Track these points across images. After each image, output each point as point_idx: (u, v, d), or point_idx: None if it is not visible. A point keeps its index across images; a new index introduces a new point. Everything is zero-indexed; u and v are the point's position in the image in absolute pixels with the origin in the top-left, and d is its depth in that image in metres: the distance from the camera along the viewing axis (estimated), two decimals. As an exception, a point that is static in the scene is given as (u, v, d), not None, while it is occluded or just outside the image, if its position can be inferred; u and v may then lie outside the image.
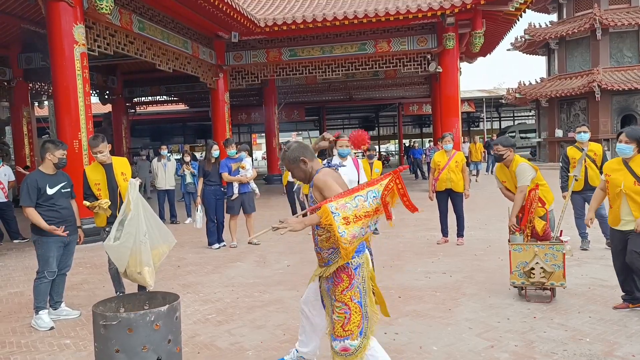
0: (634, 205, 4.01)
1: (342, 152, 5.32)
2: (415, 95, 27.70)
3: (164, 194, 10.60)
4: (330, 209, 2.62)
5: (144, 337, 2.71)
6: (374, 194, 2.68)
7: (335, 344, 2.78)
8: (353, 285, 2.79)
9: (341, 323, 2.77)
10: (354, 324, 2.75)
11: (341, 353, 2.77)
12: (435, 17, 12.61)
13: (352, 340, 2.74)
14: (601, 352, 3.38)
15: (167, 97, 24.12)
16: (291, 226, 2.69)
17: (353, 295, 2.78)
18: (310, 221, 2.74)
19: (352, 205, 2.62)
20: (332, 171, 3.00)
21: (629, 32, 20.85)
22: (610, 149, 20.52)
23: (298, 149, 2.96)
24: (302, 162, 2.93)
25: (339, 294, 2.80)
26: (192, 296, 5.18)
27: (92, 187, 4.65)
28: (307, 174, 2.97)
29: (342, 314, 2.77)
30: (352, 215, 2.61)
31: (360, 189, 2.72)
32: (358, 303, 2.77)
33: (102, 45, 9.43)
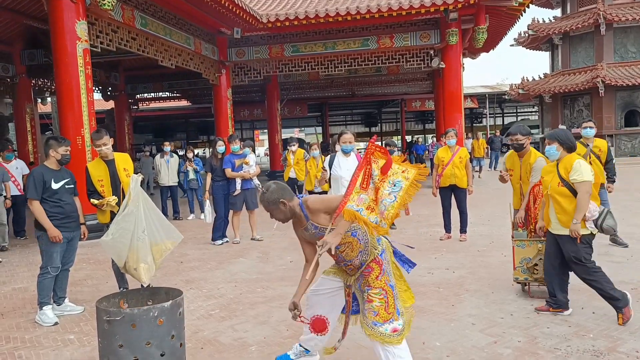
0: (558, 207, 3.98)
1: (345, 148, 5.31)
2: (418, 91, 27.63)
3: (167, 190, 10.62)
4: (353, 209, 2.68)
5: (148, 333, 2.72)
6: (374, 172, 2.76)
7: (385, 328, 2.82)
8: (384, 270, 2.90)
9: (384, 307, 2.84)
10: (392, 305, 2.85)
11: (393, 334, 2.82)
12: (438, 13, 12.55)
13: (396, 320, 2.83)
14: (605, 348, 3.38)
15: (169, 94, 24.11)
16: (331, 243, 2.69)
17: (386, 279, 2.89)
18: (344, 227, 2.75)
19: (366, 195, 2.71)
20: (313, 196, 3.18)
21: (633, 27, 20.71)
22: (615, 145, 20.47)
23: (277, 191, 2.89)
24: (281, 204, 2.88)
25: (374, 280, 2.87)
26: (196, 292, 5.20)
27: (95, 184, 4.66)
28: (286, 215, 2.92)
29: (382, 299, 2.85)
30: (371, 201, 2.70)
31: (357, 177, 2.77)
32: (390, 286, 2.88)
33: (105, 41, 9.42)
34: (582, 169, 3.84)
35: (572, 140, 4.01)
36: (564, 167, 3.93)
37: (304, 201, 2.94)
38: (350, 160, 5.32)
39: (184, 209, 10.86)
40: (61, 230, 4.44)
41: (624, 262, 5.54)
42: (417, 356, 3.40)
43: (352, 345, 3.58)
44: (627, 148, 20.82)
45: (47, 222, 4.34)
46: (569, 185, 3.89)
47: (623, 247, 6.17)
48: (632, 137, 20.80)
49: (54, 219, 4.40)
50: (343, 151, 5.33)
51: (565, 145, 3.96)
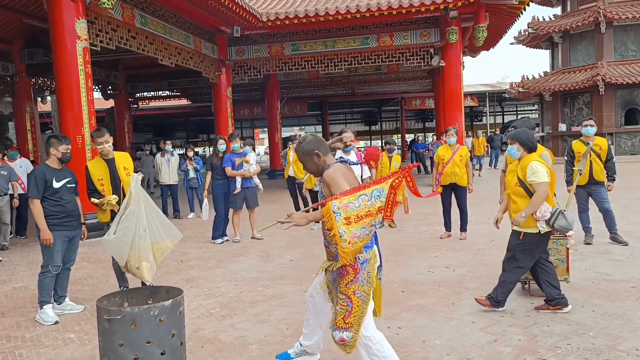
0: (514, 206, 4.09)
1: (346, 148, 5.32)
2: (418, 89, 27.62)
3: (167, 189, 10.62)
4: (332, 208, 2.62)
5: (148, 332, 2.72)
6: (378, 193, 2.66)
7: (335, 334, 2.84)
8: (358, 279, 2.81)
9: (342, 315, 2.81)
10: (355, 316, 2.79)
11: (340, 343, 2.85)
12: (438, 11, 12.55)
13: (350, 332, 2.80)
14: (605, 347, 3.38)
15: (169, 92, 24.10)
16: (295, 221, 2.78)
17: (357, 289, 2.80)
18: (314, 217, 2.80)
19: (354, 205, 2.63)
20: (343, 167, 3.00)
21: (633, 25, 20.69)
22: (615, 143, 20.46)
23: (313, 142, 2.98)
24: (315, 156, 2.96)
25: (344, 286, 2.83)
26: (196, 290, 5.20)
27: (95, 183, 4.66)
28: (319, 167, 3.00)
29: (344, 306, 2.81)
30: (353, 216, 2.62)
31: (366, 186, 2.70)
32: (360, 297, 2.80)
33: (105, 40, 9.42)
34: (539, 171, 3.92)
35: (533, 141, 4.09)
36: (522, 167, 4.03)
37: (333, 165, 2.94)
38: (351, 158, 5.30)
39: (184, 207, 10.86)
40: (62, 229, 4.45)
41: (624, 260, 5.54)
42: (417, 354, 3.41)
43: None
44: (627, 146, 20.81)
45: (42, 223, 4.34)
46: (524, 186, 4.00)
47: (623, 245, 6.17)
48: (632, 135, 20.78)
49: (55, 217, 4.41)
50: (344, 150, 5.33)
51: (526, 147, 4.04)
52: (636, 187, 11.77)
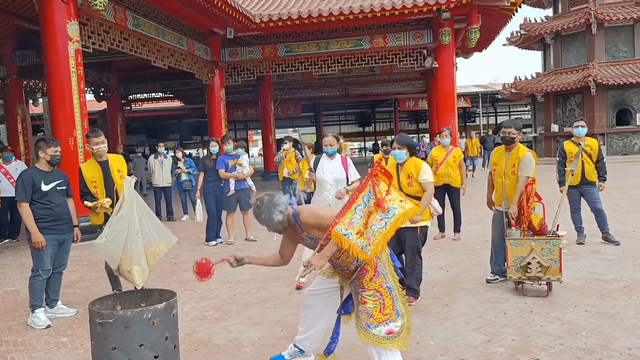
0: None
1: (328, 151, 5.14)
2: (412, 90, 27.70)
3: (161, 191, 10.57)
4: (340, 233, 2.66)
5: (141, 335, 2.70)
6: (367, 196, 2.75)
7: (379, 330, 2.77)
8: (379, 272, 2.85)
9: (379, 309, 2.80)
10: (389, 307, 2.80)
11: (388, 337, 2.77)
12: (431, 13, 12.59)
13: (393, 322, 2.78)
14: (597, 346, 3.40)
15: (162, 94, 24.02)
16: (317, 265, 2.79)
17: (381, 281, 2.84)
18: (330, 250, 2.78)
19: (357, 219, 2.69)
20: (307, 206, 3.13)
21: (624, 26, 20.87)
22: (606, 143, 20.61)
23: (270, 203, 2.93)
24: (280, 214, 2.91)
25: (368, 282, 2.84)
26: (189, 293, 5.18)
27: (88, 185, 4.63)
28: (284, 225, 2.98)
29: (376, 300, 2.81)
30: (362, 226, 2.68)
31: (355, 198, 2.77)
32: (387, 288, 2.84)
33: (97, 42, 9.37)
34: (429, 172, 4.49)
35: (415, 146, 4.69)
36: (413, 169, 4.43)
37: (297, 212, 2.97)
38: (335, 163, 5.11)
39: (177, 209, 10.82)
40: (51, 232, 4.40)
41: (616, 259, 5.58)
42: (411, 355, 3.42)
43: (345, 345, 3.58)
44: (619, 146, 20.97)
45: (33, 227, 4.31)
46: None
47: (615, 245, 6.21)
48: (623, 136, 20.95)
49: (44, 221, 4.37)
50: (326, 154, 5.13)
51: (412, 151, 4.52)
52: (627, 187, 11.86)
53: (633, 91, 20.57)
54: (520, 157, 4.78)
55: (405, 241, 4.48)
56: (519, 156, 4.79)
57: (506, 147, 4.95)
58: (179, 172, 10.28)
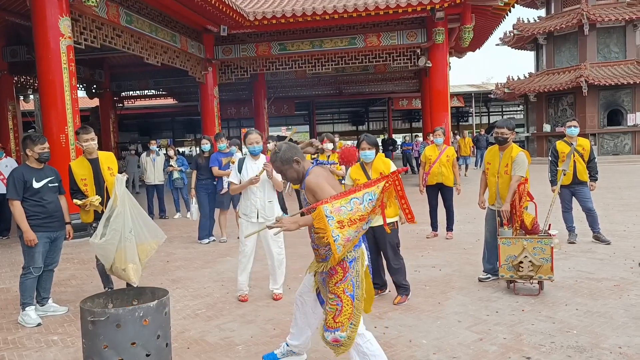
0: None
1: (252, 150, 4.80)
2: (405, 89, 27.74)
3: (153, 189, 10.52)
4: (324, 212, 2.60)
5: (133, 333, 2.69)
6: (370, 197, 2.66)
7: (327, 335, 2.80)
8: (347, 278, 2.80)
9: (332, 314, 2.78)
10: (345, 315, 2.76)
11: (332, 344, 2.80)
12: (424, 12, 12.62)
13: (342, 332, 2.75)
14: (588, 344, 3.42)
15: (155, 91, 23.90)
16: (285, 226, 2.76)
17: (346, 287, 2.79)
18: (305, 222, 2.75)
19: (347, 209, 2.60)
20: (323, 171, 2.98)
21: (615, 27, 21.03)
22: (597, 143, 20.77)
23: (290, 150, 2.95)
24: (295, 162, 2.94)
25: (333, 285, 2.81)
26: (182, 291, 5.16)
27: (78, 183, 4.59)
28: (299, 174, 2.97)
29: (334, 305, 2.79)
30: (346, 219, 2.59)
31: (357, 190, 2.68)
32: (350, 296, 2.78)
33: (89, 38, 9.30)
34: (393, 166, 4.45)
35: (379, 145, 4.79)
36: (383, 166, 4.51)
37: (309, 172, 2.92)
38: (259, 163, 4.70)
39: (170, 207, 10.77)
40: (43, 230, 4.37)
41: (606, 258, 5.63)
42: (403, 354, 3.42)
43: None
44: (610, 147, 21.14)
45: (24, 224, 4.27)
46: None
47: (606, 244, 6.26)
48: (614, 136, 21.12)
49: (36, 218, 4.33)
50: (250, 153, 4.75)
51: (377, 150, 4.60)
52: (618, 187, 11.96)
53: (624, 92, 20.75)
54: (513, 156, 4.82)
55: (381, 239, 4.46)
56: (512, 156, 4.82)
57: (499, 146, 4.98)
58: (171, 170, 10.24)
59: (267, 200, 4.65)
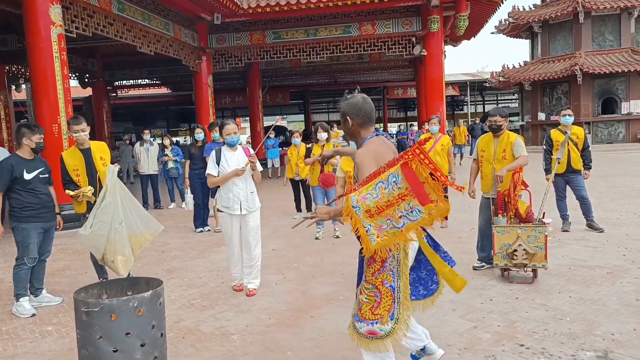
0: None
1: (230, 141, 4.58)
2: (400, 78, 27.67)
3: (147, 179, 10.48)
4: (351, 202, 2.35)
5: (127, 323, 2.68)
6: (394, 178, 2.33)
7: (361, 326, 2.56)
8: (385, 268, 2.54)
9: (370, 306, 2.55)
10: (384, 308, 2.53)
11: (367, 336, 2.55)
12: (420, 0, 12.53)
13: (381, 324, 2.52)
14: (581, 331, 3.45)
15: (149, 81, 23.70)
16: (319, 217, 2.64)
17: (385, 278, 2.54)
18: (336, 212, 2.58)
19: (372, 197, 2.33)
20: (378, 143, 2.63)
21: (610, 15, 20.99)
22: (592, 132, 20.83)
23: (349, 106, 2.68)
24: (346, 121, 2.69)
25: (370, 275, 2.56)
26: (177, 281, 5.16)
27: (70, 173, 4.56)
28: (348, 131, 2.75)
29: (371, 296, 2.55)
30: (373, 207, 2.33)
31: (381, 172, 2.37)
32: (390, 287, 2.54)
33: (80, 26, 9.18)
34: None
35: None
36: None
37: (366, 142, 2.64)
38: (238, 154, 4.56)
39: (165, 197, 10.74)
40: (38, 220, 4.36)
41: (600, 246, 5.66)
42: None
43: (335, 331, 3.59)
44: (604, 135, 21.21)
45: None
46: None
47: (599, 232, 6.30)
48: (608, 125, 21.18)
49: (30, 209, 4.31)
50: (227, 144, 4.58)
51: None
52: (612, 175, 12.01)
53: (618, 80, 20.77)
54: (512, 142, 4.90)
55: None
56: (511, 141, 4.90)
57: (494, 134, 5.00)
58: (166, 160, 10.18)
59: (249, 191, 4.56)
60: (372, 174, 2.40)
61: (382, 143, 2.64)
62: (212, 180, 4.59)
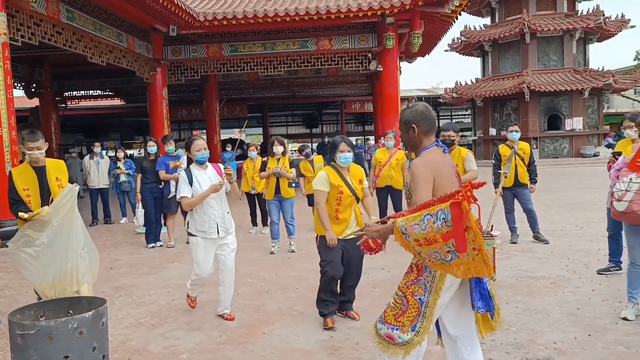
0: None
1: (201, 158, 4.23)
2: (358, 93, 28.09)
3: (97, 193, 10.13)
4: (400, 229, 2.36)
5: (66, 346, 2.56)
6: (443, 215, 2.22)
7: (381, 328, 2.59)
8: (419, 281, 2.52)
9: (395, 312, 2.56)
10: (408, 317, 2.52)
11: (385, 339, 2.57)
12: (375, 17, 12.82)
13: (401, 332, 2.52)
14: (526, 341, 3.56)
15: (101, 92, 23.03)
16: (370, 235, 2.59)
17: (416, 290, 2.52)
18: (385, 232, 2.54)
19: (420, 228, 2.29)
20: (437, 157, 2.53)
21: (554, 37, 22.16)
22: (539, 147, 21.77)
23: (414, 113, 2.60)
24: (411, 129, 2.60)
25: (404, 284, 2.57)
26: (125, 299, 4.97)
27: (20, 193, 3.95)
28: (410, 142, 2.64)
29: (398, 303, 2.56)
30: (422, 239, 2.30)
31: (432, 204, 2.29)
32: (419, 300, 2.52)
33: (27, 35, 8.84)
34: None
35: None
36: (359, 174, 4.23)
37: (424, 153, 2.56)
38: (209, 172, 4.23)
39: (116, 212, 10.40)
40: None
41: (545, 257, 5.88)
42: (350, 356, 3.44)
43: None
44: (550, 150, 22.22)
45: None
46: None
47: (545, 243, 6.55)
48: (554, 140, 22.22)
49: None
50: (197, 161, 4.21)
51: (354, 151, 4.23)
52: (557, 188, 12.57)
53: (562, 98, 21.89)
54: (463, 157, 5.08)
55: (355, 252, 3.97)
56: (462, 156, 5.07)
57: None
58: (118, 173, 9.88)
59: (225, 212, 4.23)
60: (422, 204, 2.34)
61: (440, 154, 2.59)
62: (188, 202, 4.10)
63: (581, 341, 3.51)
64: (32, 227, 3.57)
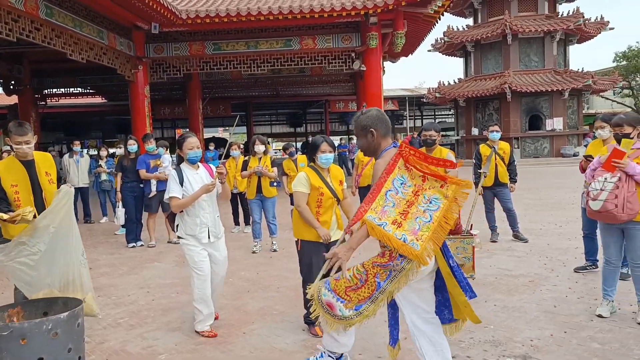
0: None
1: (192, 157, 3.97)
2: (341, 92, 28.12)
3: (77, 192, 9.96)
4: (374, 222, 2.31)
5: (40, 348, 2.53)
6: (400, 180, 2.35)
7: (325, 294, 2.51)
8: (387, 266, 2.46)
9: (348, 285, 2.47)
10: (358, 296, 2.47)
11: (325, 306, 2.51)
12: (359, 16, 12.84)
13: (344, 306, 2.46)
14: (503, 338, 3.61)
15: (82, 89, 22.69)
16: (342, 259, 2.47)
17: (379, 273, 2.47)
18: (358, 241, 2.47)
19: (389, 207, 2.31)
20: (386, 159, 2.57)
21: (535, 38, 22.47)
22: (520, 147, 22.05)
23: (371, 118, 2.63)
24: (369, 133, 2.63)
25: (369, 263, 2.51)
26: (104, 299, 4.92)
27: (6, 189, 3.58)
28: (370, 147, 2.67)
29: (356, 279, 2.48)
30: (397, 215, 2.30)
31: (383, 182, 2.37)
32: (377, 283, 2.46)
33: (4, 31, 8.65)
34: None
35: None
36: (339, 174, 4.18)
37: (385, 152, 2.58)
38: (201, 172, 3.98)
39: (96, 211, 10.26)
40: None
41: (524, 256, 5.97)
42: (330, 355, 3.44)
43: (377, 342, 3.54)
44: (531, 150, 22.54)
45: None
46: None
47: (524, 242, 6.64)
48: (535, 140, 22.54)
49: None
50: (189, 160, 3.96)
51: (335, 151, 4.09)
52: (537, 187, 12.75)
53: (543, 98, 22.22)
54: (444, 156, 5.10)
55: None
56: (443, 156, 5.10)
57: (427, 148, 5.20)
58: (99, 172, 9.75)
59: (216, 215, 3.99)
60: (375, 188, 2.38)
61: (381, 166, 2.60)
62: (178, 203, 3.81)
63: (557, 338, 3.57)
64: (27, 234, 3.28)
